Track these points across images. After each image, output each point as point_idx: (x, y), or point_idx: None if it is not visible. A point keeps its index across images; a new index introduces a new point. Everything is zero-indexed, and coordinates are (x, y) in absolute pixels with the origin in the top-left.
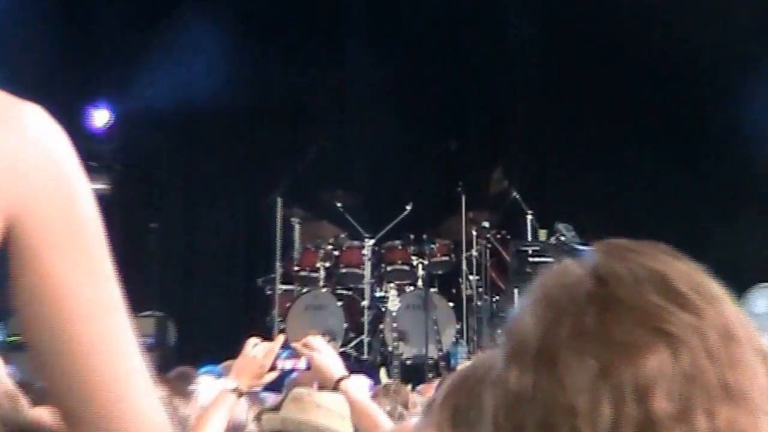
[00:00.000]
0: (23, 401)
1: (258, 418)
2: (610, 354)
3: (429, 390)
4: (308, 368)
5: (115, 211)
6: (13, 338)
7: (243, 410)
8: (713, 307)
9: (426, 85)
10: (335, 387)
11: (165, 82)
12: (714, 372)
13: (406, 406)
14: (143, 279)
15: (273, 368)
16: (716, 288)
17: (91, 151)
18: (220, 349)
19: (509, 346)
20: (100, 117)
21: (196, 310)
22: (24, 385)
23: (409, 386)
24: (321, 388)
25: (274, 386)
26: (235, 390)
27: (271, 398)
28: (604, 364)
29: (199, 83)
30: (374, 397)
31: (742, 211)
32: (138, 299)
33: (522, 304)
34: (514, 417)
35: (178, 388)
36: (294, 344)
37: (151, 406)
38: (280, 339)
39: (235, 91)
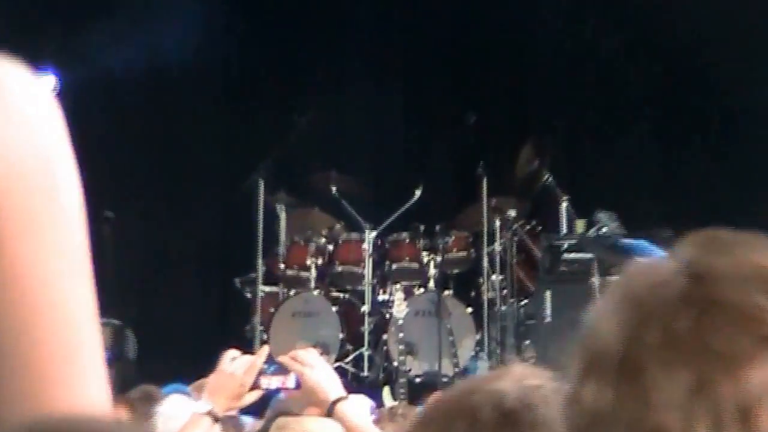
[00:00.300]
0: None
1: None
2: (708, 365)
3: None
4: (297, 387)
5: None
6: None
7: None
8: None
9: (440, 45)
10: (330, 410)
11: (124, 43)
12: None
13: None
14: (97, 279)
15: (255, 387)
16: None
17: None
18: (190, 364)
19: (586, 356)
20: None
21: (161, 317)
22: None
23: (419, 409)
24: (312, 411)
25: (256, 409)
26: (209, 413)
27: (250, 423)
28: (700, 378)
29: (164, 44)
30: (377, 422)
31: None
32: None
33: (601, 307)
34: None
35: (141, 410)
36: (280, 358)
37: None
38: (264, 352)
39: (208, 52)
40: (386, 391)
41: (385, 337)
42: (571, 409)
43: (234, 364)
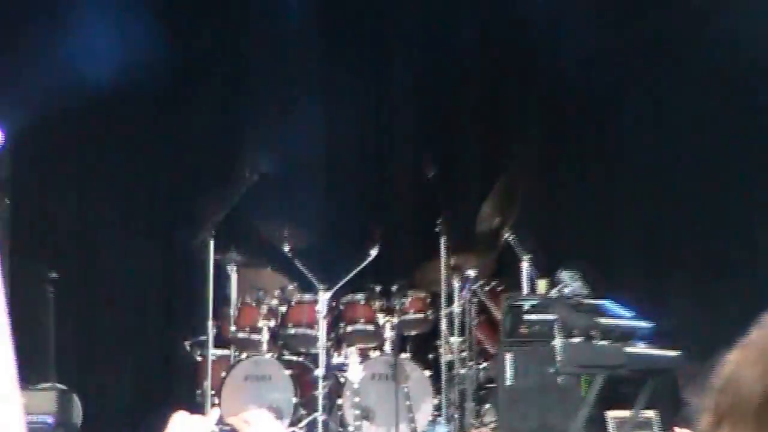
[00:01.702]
0: None
1: None
2: None
3: None
4: None
5: (1, 256)
6: None
7: None
8: None
9: (395, 92)
10: None
11: (49, 72)
12: None
13: None
14: (40, 342)
15: None
16: None
17: None
18: (136, 428)
19: (723, 404)
20: None
21: (108, 380)
22: None
23: None
24: None
25: None
26: None
27: None
28: None
29: (92, 74)
30: None
31: None
32: (34, 368)
33: (736, 358)
34: None
35: None
36: (231, 419)
37: None
38: (214, 415)
39: (157, 81)
40: None
41: (339, 401)
42: None
43: (183, 427)
